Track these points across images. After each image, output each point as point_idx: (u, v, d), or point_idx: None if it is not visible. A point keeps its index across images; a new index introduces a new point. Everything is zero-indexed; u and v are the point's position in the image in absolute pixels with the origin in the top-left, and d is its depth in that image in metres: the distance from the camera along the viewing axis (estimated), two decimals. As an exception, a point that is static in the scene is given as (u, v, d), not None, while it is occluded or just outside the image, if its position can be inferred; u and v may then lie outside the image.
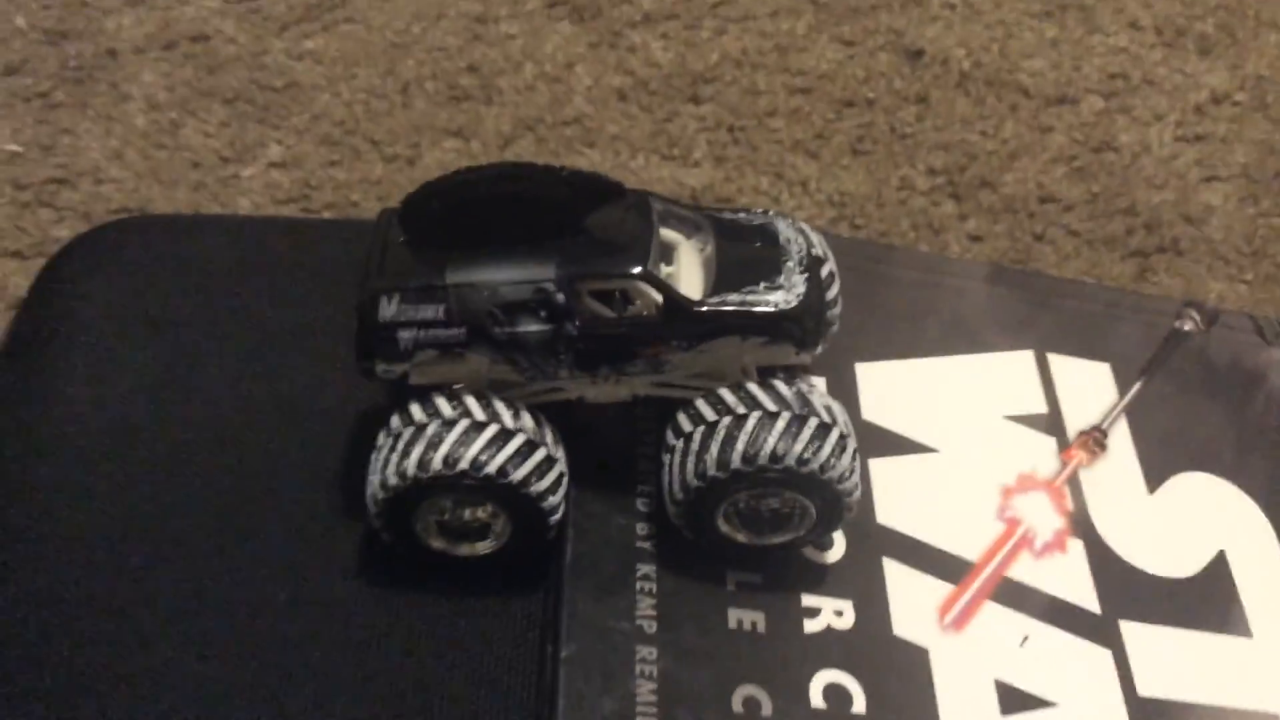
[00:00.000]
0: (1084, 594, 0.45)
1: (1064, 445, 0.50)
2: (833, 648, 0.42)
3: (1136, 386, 0.52)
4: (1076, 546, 0.47)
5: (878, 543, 0.45)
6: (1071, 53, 0.81)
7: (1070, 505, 0.48)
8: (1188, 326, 0.56)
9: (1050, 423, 0.50)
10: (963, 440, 0.49)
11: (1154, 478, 0.50)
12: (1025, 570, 0.46)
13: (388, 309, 0.40)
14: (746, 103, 0.74)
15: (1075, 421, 0.51)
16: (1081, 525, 0.48)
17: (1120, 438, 0.51)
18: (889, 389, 0.50)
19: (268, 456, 0.46)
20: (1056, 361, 0.52)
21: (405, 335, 0.40)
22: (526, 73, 0.77)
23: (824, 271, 0.44)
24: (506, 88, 0.76)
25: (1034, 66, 0.81)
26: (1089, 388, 0.52)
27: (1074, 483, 0.49)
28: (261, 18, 0.78)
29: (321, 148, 0.71)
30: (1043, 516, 0.47)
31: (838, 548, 0.45)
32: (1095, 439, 0.50)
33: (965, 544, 0.46)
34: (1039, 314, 0.54)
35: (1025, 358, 0.52)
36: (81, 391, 0.50)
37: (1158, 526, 0.48)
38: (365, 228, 0.45)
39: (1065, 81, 0.79)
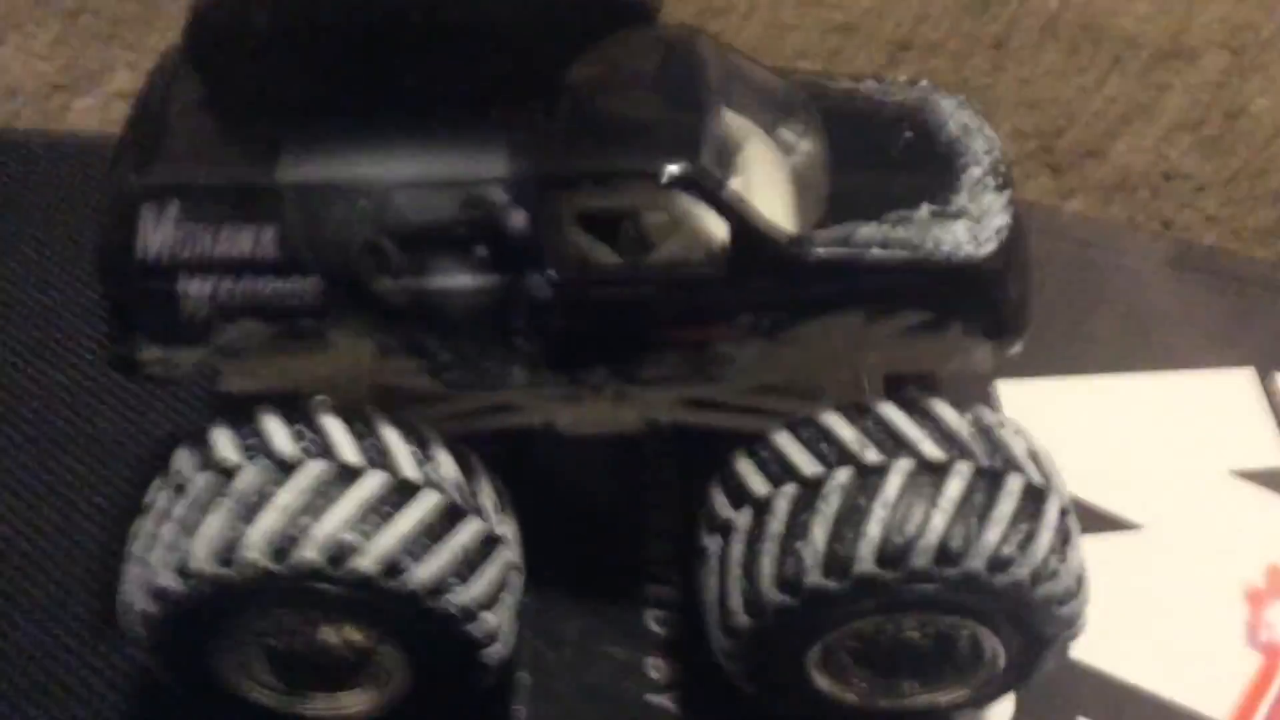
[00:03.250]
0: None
1: (1330, 519, 0.32)
2: None
3: None
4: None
5: (1069, 695, 0.26)
6: (1182, -1, 0.66)
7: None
8: None
9: (1292, 480, 0.32)
10: (1172, 510, 0.34)
11: None
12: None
13: (163, 234, 0.20)
14: (770, 39, 0.61)
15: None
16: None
17: None
18: (1048, 422, 0.30)
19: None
20: (1289, 384, 0.34)
21: (197, 288, 0.20)
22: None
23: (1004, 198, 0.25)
24: None
25: (1140, 10, 0.66)
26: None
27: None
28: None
29: None
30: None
31: (1004, 704, 0.25)
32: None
33: (1203, 690, 0.29)
34: (1255, 316, 0.36)
35: (1245, 378, 0.37)
36: None
37: None
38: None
39: (1180, 30, 0.63)
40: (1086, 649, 0.30)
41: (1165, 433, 0.36)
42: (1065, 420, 0.36)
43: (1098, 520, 0.33)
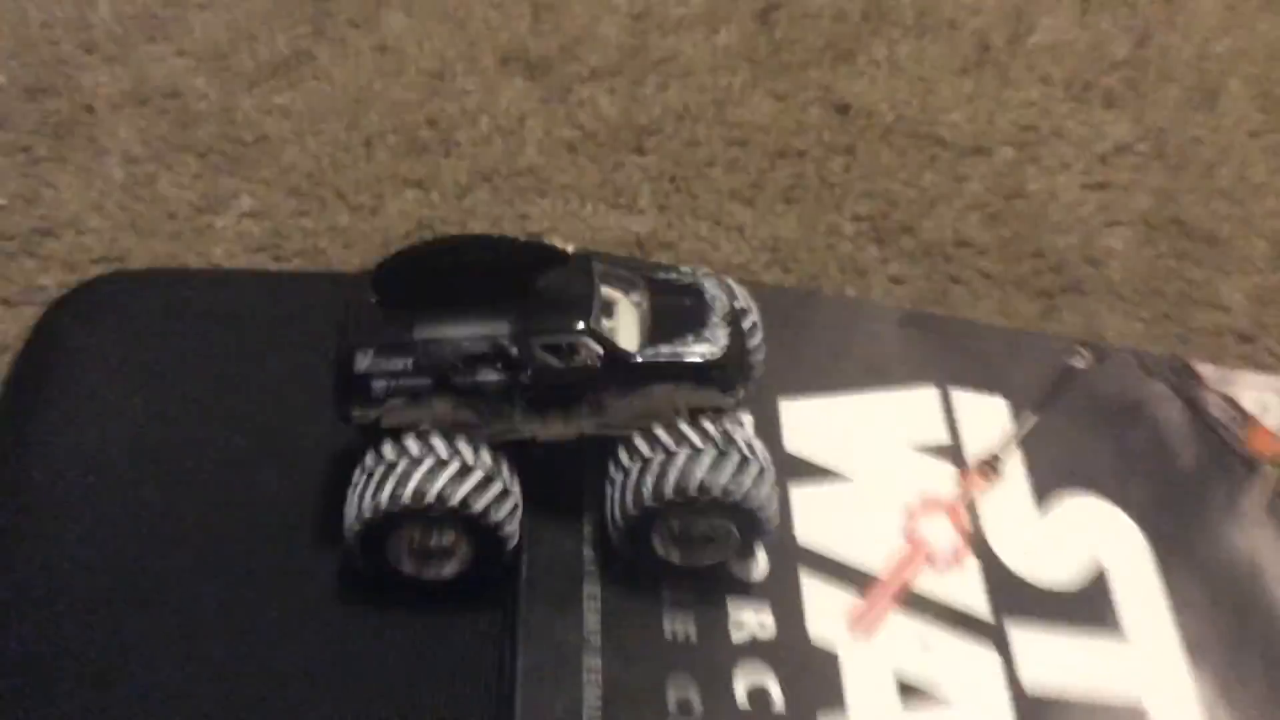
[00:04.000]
0: (978, 603, 0.53)
1: (963, 472, 0.57)
2: (755, 653, 0.49)
3: (1029, 419, 0.60)
4: (972, 562, 0.54)
5: (797, 560, 0.52)
6: (987, 106, 0.89)
7: (968, 526, 0.55)
8: (1079, 363, 0.63)
9: (951, 452, 0.57)
10: (873, 468, 0.56)
11: (1043, 500, 0.57)
12: (927, 583, 0.53)
13: (363, 362, 0.47)
14: (687, 153, 0.81)
15: (974, 450, 0.58)
16: (977, 543, 0.55)
17: (1014, 465, 0.58)
18: (809, 422, 0.57)
19: (250, 496, 0.52)
20: (958, 396, 0.59)
21: (378, 384, 0.47)
22: (482, 126, 0.84)
23: (747, 323, 0.51)
24: (463, 140, 0.83)
25: (952, 119, 0.88)
26: (987, 420, 0.59)
27: (971, 506, 0.56)
28: (231, 74, 0.84)
29: (290, 198, 0.77)
30: (942, 536, 0.55)
31: (761, 565, 0.52)
32: (991, 466, 0.58)
33: (874, 560, 0.53)
34: (945, 354, 0.61)
35: (931, 394, 0.59)
36: (71, 440, 0.55)
37: (1045, 543, 0.56)
38: (335, 278, 0.52)
39: (981, 133, 0.85)
40: (810, 537, 0.56)
41: (876, 424, 0.57)
42: (820, 420, 0.57)
43: (827, 473, 0.54)
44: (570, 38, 0.89)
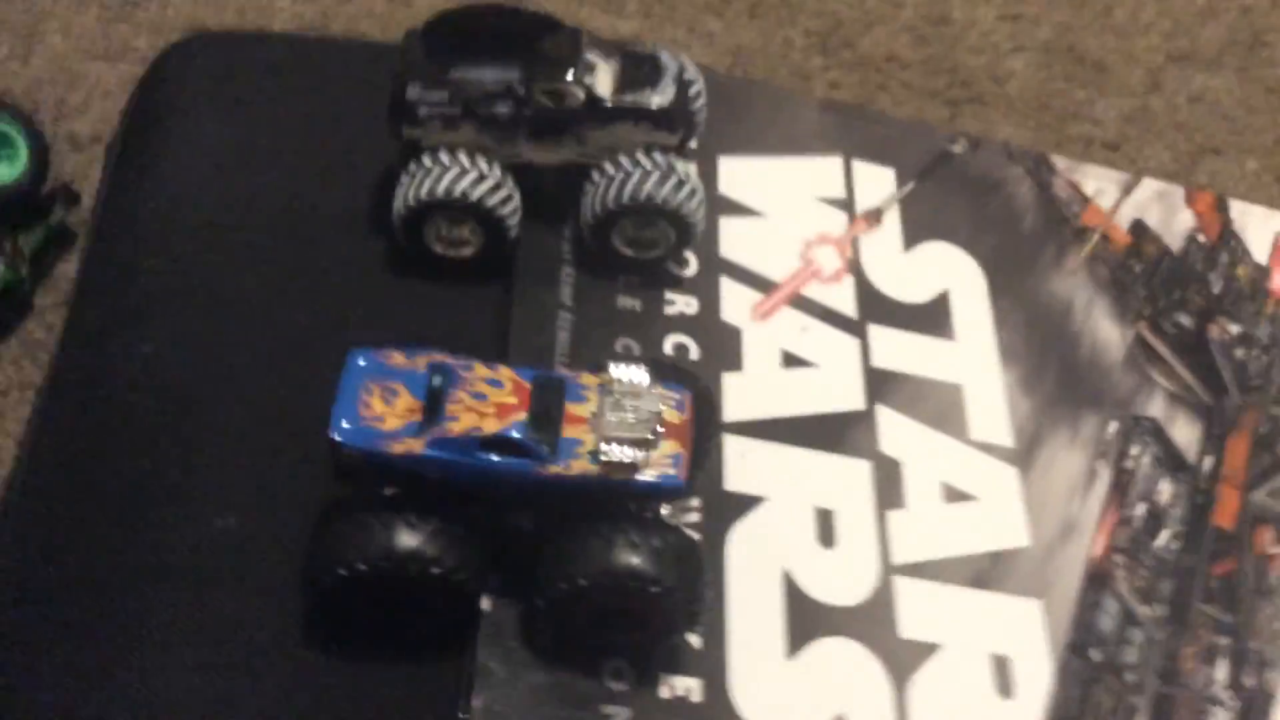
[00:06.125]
0: (848, 306, 0.74)
1: (852, 218, 0.78)
2: (681, 326, 0.70)
3: (910, 185, 0.80)
4: (849, 280, 0.75)
5: (719, 268, 0.70)
6: (929, -55, 1.05)
7: (849, 255, 0.76)
8: (957, 148, 0.83)
9: (845, 204, 0.77)
10: (784, 210, 0.71)
11: (910, 244, 0.78)
12: (812, 290, 0.74)
13: (413, 92, 0.66)
14: None
15: (863, 204, 0.78)
16: (854, 268, 0.76)
17: (892, 217, 0.79)
18: (740, 174, 0.76)
19: (321, 203, 0.71)
20: (857, 165, 0.77)
21: (422, 110, 0.63)
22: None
23: (692, 90, 0.71)
24: (487, -54, 0.99)
25: None
26: (877, 184, 0.77)
27: (854, 242, 0.77)
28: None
29: None
30: (829, 260, 0.75)
31: (692, 266, 0.73)
32: (874, 216, 0.78)
33: (776, 272, 0.71)
34: (851, 133, 0.78)
35: (836, 161, 0.76)
36: (181, 163, 0.69)
37: (906, 272, 0.77)
38: (380, 48, 0.70)
39: None
40: (732, 253, 0.77)
41: (792, 179, 0.73)
42: (750, 174, 0.80)
43: (750, 211, 0.75)
44: None
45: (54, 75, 0.91)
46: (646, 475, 0.50)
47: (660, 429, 0.50)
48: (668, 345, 0.69)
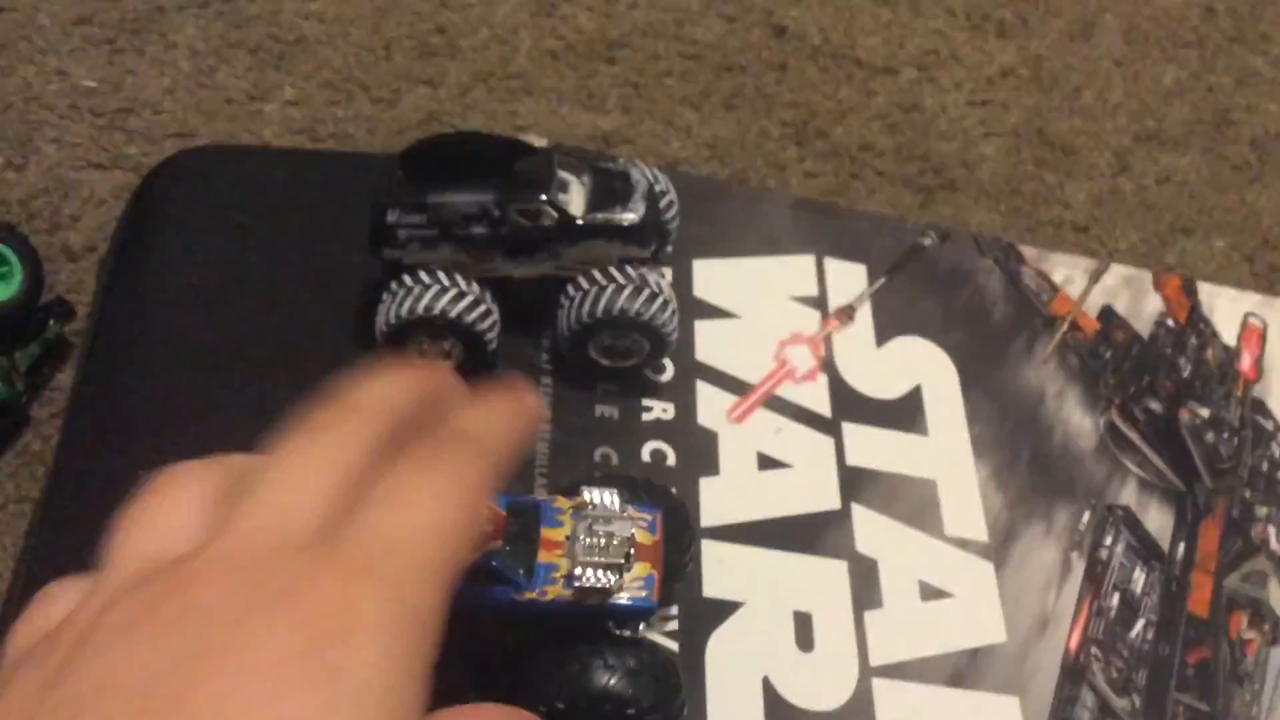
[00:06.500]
0: (822, 405, 0.76)
1: (824, 317, 0.80)
2: (659, 432, 0.72)
3: (880, 280, 0.82)
4: (823, 379, 0.77)
5: (694, 371, 0.73)
6: (899, 33, 1.09)
7: (823, 354, 0.78)
8: (926, 241, 0.86)
9: (818, 302, 0.79)
10: (758, 311, 0.73)
11: (882, 340, 0.80)
12: (786, 390, 0.76)
13: (391, 216, 0.68)
14: (649, 65, 0.94)
15: (835, 302, 0.80)
16: (828, 366, 0.78)
17: (864, 313, 0.81)
18: (714, 277, 0.78)
19: (302, 316, 0.74)
20: (829, 263, 0.80)
21: (401, 232, 0.65)
22: (482, 35, 1.04)
23: (663, 202, 0.73)
24: (466, 46, 1.02)
25: (869, 43, 1.07)
26: (848, 281, 0.80)
27: (828, 340, 0.79)
28: (276, -15, 1.03)
29: (324, 90, 0.93)
30: (803, 360, 0.78)
31: (668, 372, 0.75)
32: (846, 313, 0.80)
33: (751, 374, 0.73)
34: (823, 231, 0.81)
35: (809, 260, 0.78)
36: (171, 273, 0.75)
37: (879, 369, 0.79)
38: (365, 159, 0.73)
39: (891, 56, 1.03)
40: (708, 355, 0.79)
41: (765, 280, 0.75)
42: (723, 276, 0.84)
43: (724, 313, 0.81)
44: (556, -37, 1.08)
45: (48, 185, 0.93)
46: (620, 599, 0.51)
47: (632, 551, 0.52)
48: (645, 452, 0.71)
